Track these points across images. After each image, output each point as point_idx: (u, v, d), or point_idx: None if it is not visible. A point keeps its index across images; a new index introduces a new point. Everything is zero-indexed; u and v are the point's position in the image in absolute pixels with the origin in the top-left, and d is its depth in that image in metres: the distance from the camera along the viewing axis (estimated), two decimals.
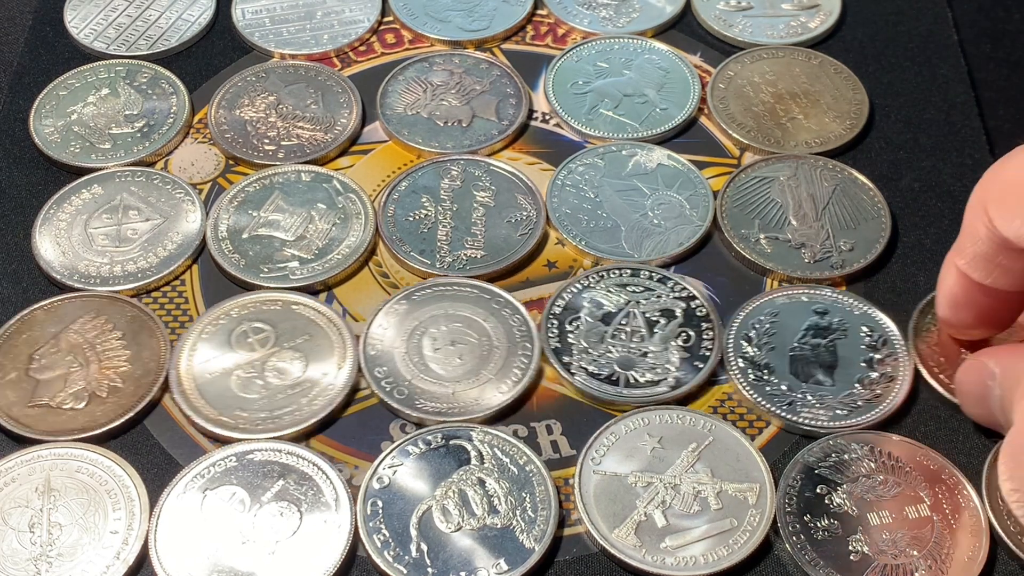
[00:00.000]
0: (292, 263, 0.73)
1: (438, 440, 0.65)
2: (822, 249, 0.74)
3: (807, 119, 0.81)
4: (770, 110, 0.82)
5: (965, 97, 0.83)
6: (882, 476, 0.64)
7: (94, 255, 0.73)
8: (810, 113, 0.82)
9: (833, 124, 0.81)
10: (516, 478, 0.64)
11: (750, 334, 0.70)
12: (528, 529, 0.62)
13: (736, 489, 0.64)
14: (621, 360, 0.69)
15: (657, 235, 0.75)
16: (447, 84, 0.83)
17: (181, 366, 0.68)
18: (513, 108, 0.81)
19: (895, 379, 0.68)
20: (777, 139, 0.80)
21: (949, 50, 0.86)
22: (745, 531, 0.62)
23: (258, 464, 0.64)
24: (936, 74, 0.85)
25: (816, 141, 0.80)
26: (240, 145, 0.79)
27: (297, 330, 0.70)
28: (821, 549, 0.62)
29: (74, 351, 0.68)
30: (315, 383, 0.68)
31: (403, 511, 0.63)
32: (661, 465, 0.65)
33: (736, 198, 0.76)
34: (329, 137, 0.79)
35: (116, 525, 0.62)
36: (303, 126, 0.80)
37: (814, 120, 0.81)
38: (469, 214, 0.76)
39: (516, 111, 0.81)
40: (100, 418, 0.66)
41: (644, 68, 0.84)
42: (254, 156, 0.78)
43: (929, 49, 0.86)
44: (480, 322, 0.70)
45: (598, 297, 0.71)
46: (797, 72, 0.84)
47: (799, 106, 0.82)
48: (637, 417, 0.67)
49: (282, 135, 0.79)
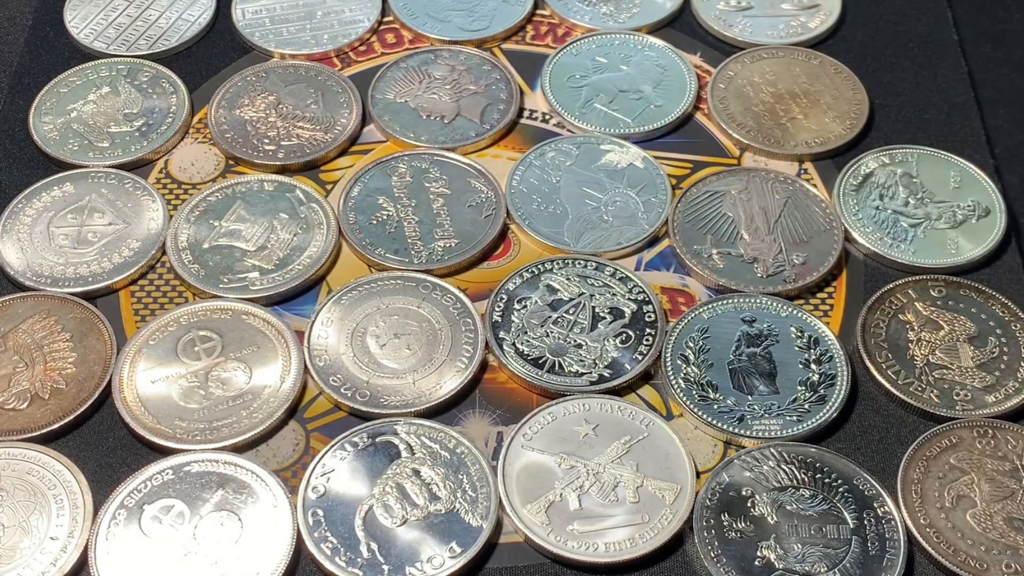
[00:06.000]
0: (252, 274, 0.73)
1: (364, 440, 0.66)
2: (775, 263, 0.73)
3: (807, 119, 0.80)
4: (770, 110, 0.81)
5: (965, 97, 0.82)
6: (812, 491, 0.63)
7: (51, 254, 0.73)
8: (810, 113, 0.81)
9: (833, 124, 0.80)
10: (449, 462, 0.65)
11: (686, 353, 0.69)
12: (472, 509, 0.63)
13: (657, 487, 0.64)
14: (554, 347, 0.69)
15: (601, 230, 0.75)
16: (444, 79, 0.83)
17: (124, 372, 0.68)
18: (499, 114, 0.81)
19: (835, 377, 0.68)
20: (777, 139, 0.79)
21: (949, 50, 0.85)
22: (654, 528, 0.62)
23: (196, 476, 0.64)
24: (936, 74, 0.84)
25: (816, 141, 0.79)
26: (240, 145, 0.79)
27: (245, 340, 0.70)
28: (728, 548, 0.62)
29: (21, 351, 0.69)
30: (257, 395, 0.68)
31: (345, 515, 0.63)
32: (589, 452, 0.65)
33: (688, 213, 0.76)
34: (329, 137, 0.80)
35: (57, 531, 0.63)
36: (303, 126, 0.80)
37: (814, 120, 0.80)
38: (430, 206, 0.76)
39: (501, 117, 0.81)
40: (40, 420, 0.66)
41: (642, 64, 0.84)
42: (254, 156, 0.79)
43: (929, 49, 0.85)
44: (415, 310, 0.71)
45: (553, 283, 0.72)
46: (797, 72, 0.83)
47: (799, 106, 0.81)
48: (578, 402, 0.67)
49: (282, 135, 0.80)
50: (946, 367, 0.69)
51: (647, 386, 0.69)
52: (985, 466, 0.65)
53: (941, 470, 0.65)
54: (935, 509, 0.63)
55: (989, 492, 0.64)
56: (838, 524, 0.62)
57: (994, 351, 0.69)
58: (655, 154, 0.79)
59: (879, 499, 0.63)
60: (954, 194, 0.76)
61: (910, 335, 0.70)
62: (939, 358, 0.69)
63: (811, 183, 0.77)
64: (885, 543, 0.62)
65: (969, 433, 0.66)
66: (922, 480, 0.64)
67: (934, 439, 0.66)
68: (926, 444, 0.65)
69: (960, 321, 0.70)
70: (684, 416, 0.68)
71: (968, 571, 0.61)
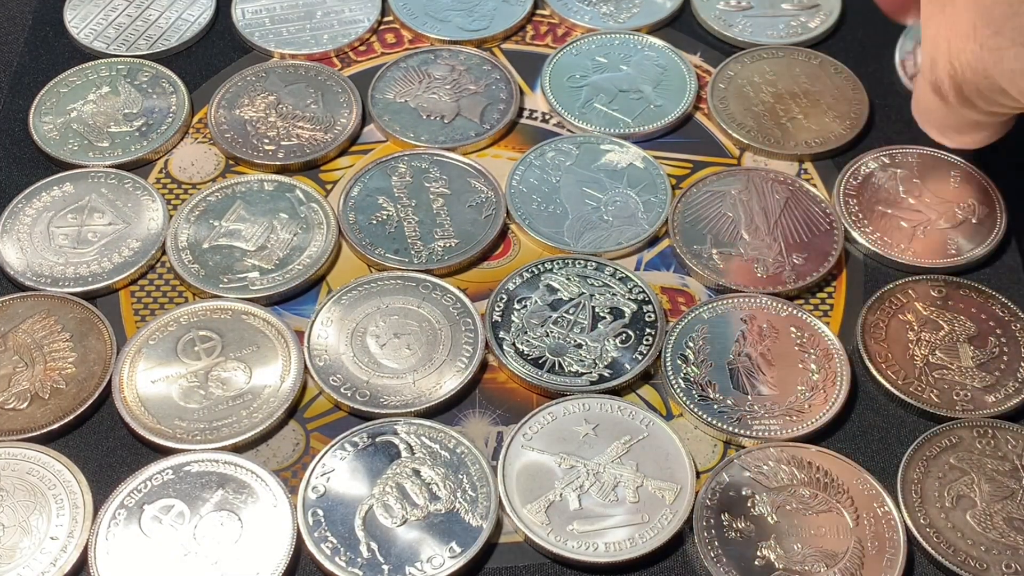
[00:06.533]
0: (252, 273, 0.73)
1: (364, 440, 0.66)
2: (774, 263, 0.73)
3: (807, 119, 0.80)
4: (770, 110, 0.81)
5: None
6: (812, 491, 0.63)
7: (51, 254, 0.74)
8: (810, 113, 0.81)
9: (833, 124, 0.80)
10: (449, 462, 0.65)
11: (686, 353, 0.69)
12: (472, 508, 0.63)
13: (656, 487, 0.64)
14: (554, 346, 0.69)
15: (601, 230, 0.75)
16: (444, 79, 0.83)
17: (124, 372, 0.68)
18: (499, 114, 0.81)
19: (835, 375, 0.68)
20: (777, 139, 0.79)
21: None
22: (654, 528, 0.63)
23: (196, 476, 0.65)
24: None
25: (816, 141, 0.79)
26: (240, 145, 0.79)
27: (245, 340, 0.70)
28: (728, 548, 0.62)
29: (21, 351, 0.69)
30: (257, 395, 0.68)
31: (345, 515, 0.63)
32: (589, 452, 0.65)
33: (688, 213, 0.76)
34: (329, 137, 0.80)
35: (57, 531, 0.63)
36: (303, 126, 0.81)
37: (814, 120, 0.80)
38: (429, 206, 0.76)
39: (501, 117, 0.81)
40: (40, 420, 0.67)
41: (642, 64, 0.84)
42: (254, 156, 0.79)
43: None
44: (415, 309, 0.71)
45: (554, 283, 0.72)
46: (797, 72, 0.84)
47: (799, 106, 0.81)
48: (577, 402, 0.67)
49: (282, 135, 0.80)
50: (946, 367, 0.69)
51: (647, 386, 0.69)
52: (985, 466, 0.65)
53: (941, 470, 0.65)
54: (935, 509, 0.63)
55: (989, 492, 0.64)
56: (838, 524, 0.62)
57: (994, 351, 0.69)
58: (655, 154, 0.79)
59: (879, 499, 0.63)
60: (954, 194, 0.76)
61: (910, 335, 0.70)
62: (939, 358, 0.69)
63: (811, 183, 0.77)
64: (885, 543, 0.62)
65: (969, 433, 0.66)
66: (922, 480, 0.64)
67: (934, 439, 0.66)
68: (926, 444, 0.65)
69: (960, 321, 0.70)
70: (684, 416, 0.68)
71: (968, 571, 0.61)
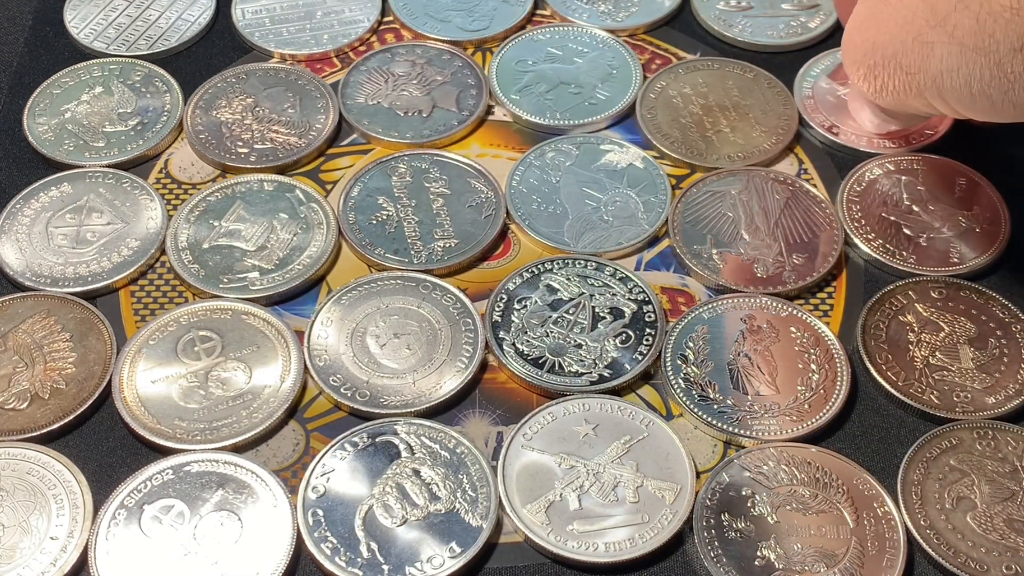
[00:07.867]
0: (252, 273, 0.73)
1: (364, 440, 0.66)
2: (774, 263, 0.73)
3: (734, 132, 0.80)
4: (697, 122, 0.81)
5: None
6: (812, 491, 0.63)
7: (50, 254, 0.73)
8: (737, 126, 0.81)
9: (760, 138, 0.80)
10: (449, 462, 0.65)
11: (686, 353, 0.69)
12: (472, 509, 0.63)
13: (657, 487, 0.64)
14: (554, 346, 0.69)
15: (601, 230, 0.75)
16: (409, 75, 0.84)
17: (124, 372, 0.68)
18: (473, 99, 0.82)
19: (835, 376, 0.68)
20: (700, 151, 0.79)
21: None
22: (654, 528, 0.63)
23: (196, 476, 0.65)
24: None
25: (739, 155, 0.79)
26: (213, 147, 0.79)
27: (245, 340, 0.70)
28: (728, 548, 0.62)
29: (21, 351, 0.69)
30: (257, 395, 0.68)
31: (345, 515, 0.63)
32: (589, 452, 0.65)
33: (688, 213, 0.76)
34: (303, 142, 0.80)
35: (57, 531, 0.63)
36: (278, 130, 0.80)
37: (741, 134, 0.80)
38: (429, 206, 0.76)
39: (476, 101, 0.82)
40: (40, 420, 0.66)
41: (596, 62, 0.84)
42: (226, 158, 0.79)
43: None
44: (415, 310, 0.71)
45: (554, 283, 0.72)
46: (730, 85, 0.84)
47: (727, 119, 0.81)
48: (577, 402, 0.67)
49: (256, 138, 0.80)
50: (946, 368, 0.69)
51: (647, 386, 0.69)
52: (985, 467, 0.65)
53: (941, 471, 0.65)
54: (935, 510, 0.63)
55: (989, 493, 0.64)
56: (838, 524, 0.62)
57: (994, 353, 0.69)
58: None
59: (879, 499, 0.63)
60: (959, 202, 0.76)
61: (910, 336, 0.70)
62: (939, 359, 0.69)
63: (811, 183, 0.77)
64: (885, 543, 0.62)
65: (969, 434, 0.66)
66: (922, 481, 0.64)
67: (934, 440, 0.66)
68: (926, 445, 0.65)
69: (960, 323, 0.70)
70: (684, 416, 0.68)
71: (968, 572, 0.61)
